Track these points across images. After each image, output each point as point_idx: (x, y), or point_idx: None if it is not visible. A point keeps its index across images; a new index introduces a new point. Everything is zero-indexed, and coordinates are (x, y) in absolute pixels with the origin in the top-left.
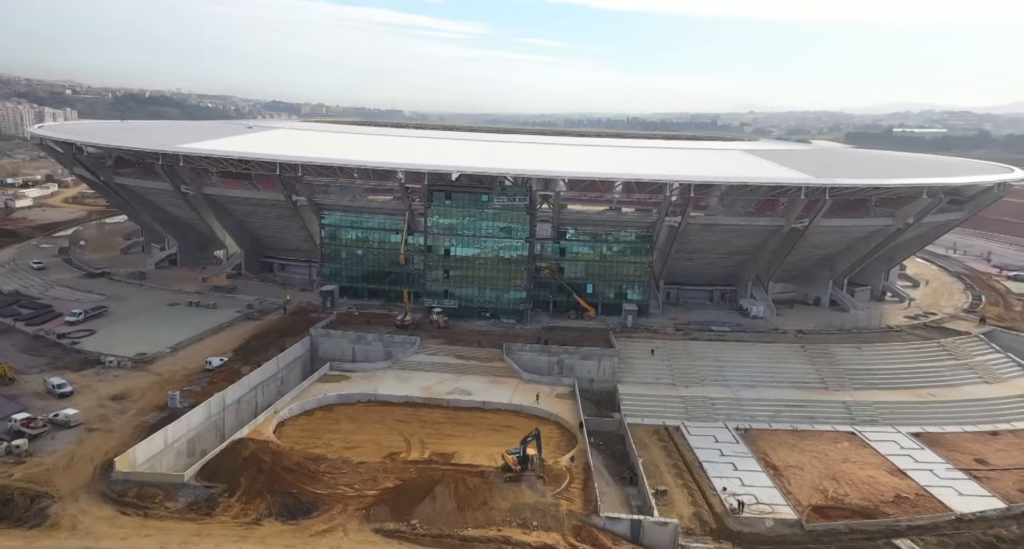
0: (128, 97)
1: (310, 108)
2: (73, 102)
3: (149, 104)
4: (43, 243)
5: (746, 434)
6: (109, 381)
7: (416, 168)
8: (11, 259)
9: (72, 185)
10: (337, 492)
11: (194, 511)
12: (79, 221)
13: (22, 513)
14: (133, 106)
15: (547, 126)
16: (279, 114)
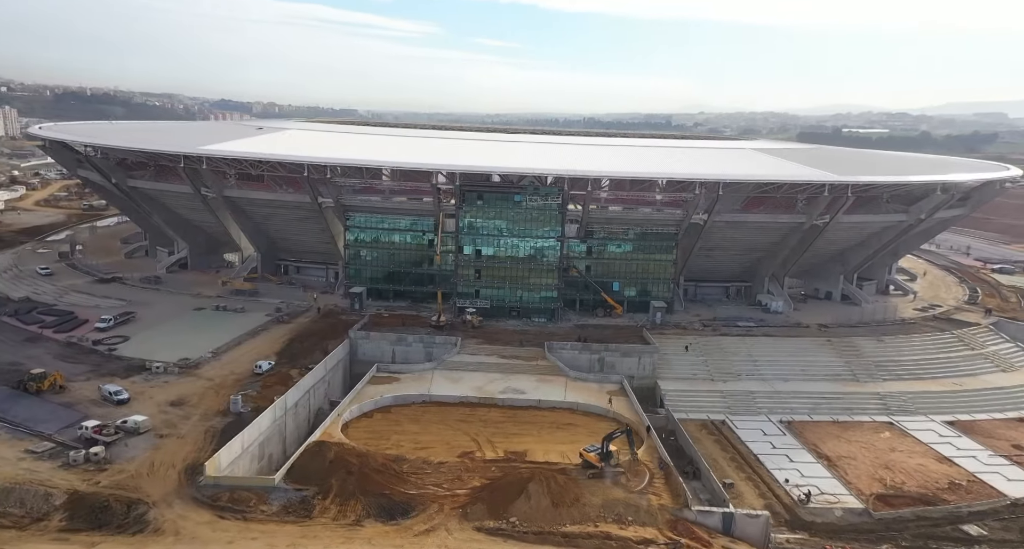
0: (68, 95)
1: (262, 107)
2: (11, 100)
3: (92, 102)
4: (40, 248)
5: (790, 426)
6: (161, 387)
7: (452, 168)
8: (12, 265)
9: (40, 187)
10: (427, 492)
11: (291, 514)
12: (60, 225)
13: (121, 519)
14: (75, 104)
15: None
16: (230, 113)
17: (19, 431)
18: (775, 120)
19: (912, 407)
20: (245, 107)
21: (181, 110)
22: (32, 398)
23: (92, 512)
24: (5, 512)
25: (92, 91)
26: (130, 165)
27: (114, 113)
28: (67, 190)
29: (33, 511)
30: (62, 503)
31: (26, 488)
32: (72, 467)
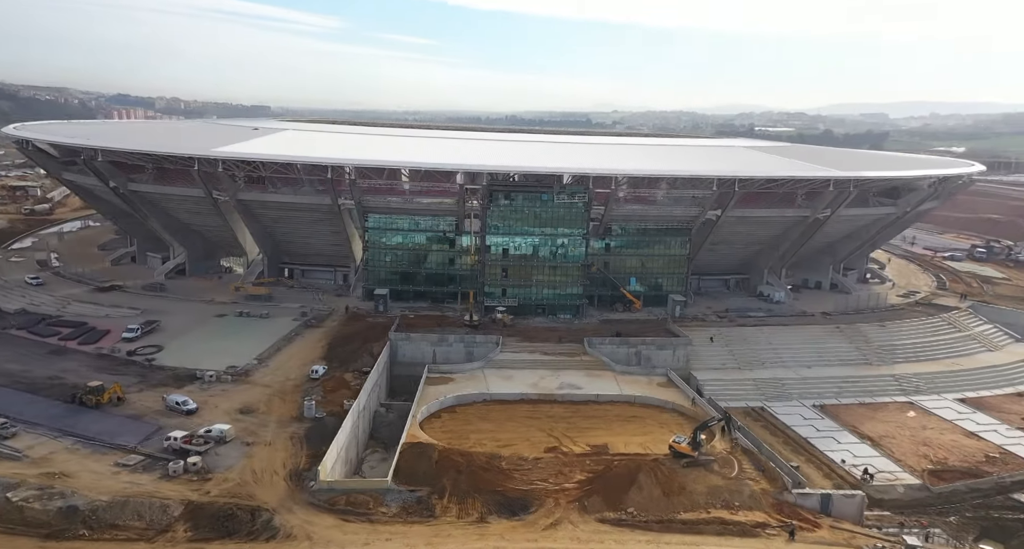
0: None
1: (165, 102)
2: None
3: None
4: (12, 257)
5: (823, 410)
6: (220, 395)
7: (480, 168)
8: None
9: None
10: (536, 487)
11: (413, 514)
12: (8, 232)
13: (249, 527)
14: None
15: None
16: (131, 109)
17: (95, 445)
18: (687, 119)
19: (925, 387)
20: (147, 102)
21: (76, 105)
22: (94, 412)
23: (217, 521)
24: (126, 525)
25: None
26: (130, 168)
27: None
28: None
29: (154, 523)
30: (181, 514)
31: (140, 500)
32: (173, 478)
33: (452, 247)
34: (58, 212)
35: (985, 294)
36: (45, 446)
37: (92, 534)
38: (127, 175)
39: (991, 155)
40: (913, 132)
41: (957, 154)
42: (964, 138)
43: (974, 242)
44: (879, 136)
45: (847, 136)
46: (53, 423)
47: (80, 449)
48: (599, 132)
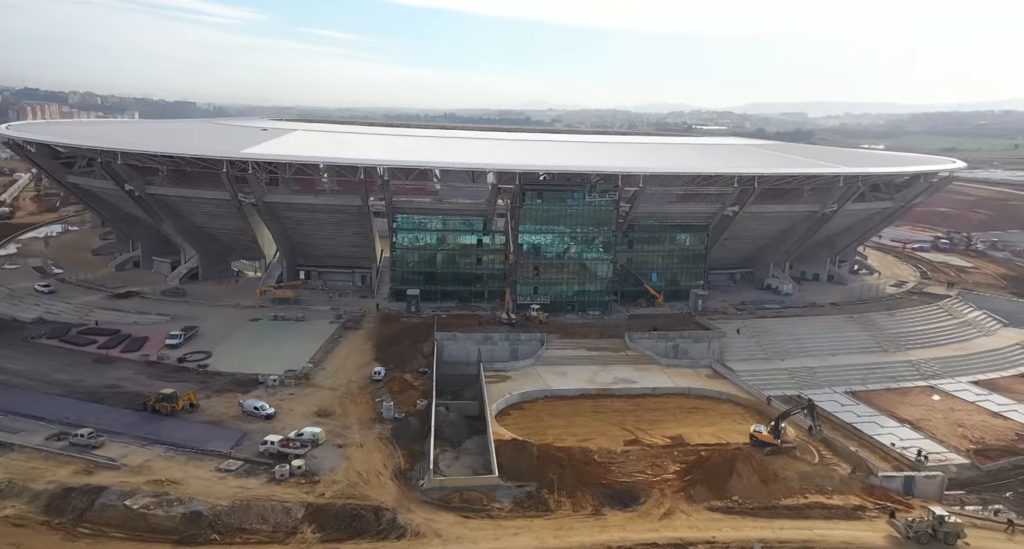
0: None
1: (79, 97)
2: None
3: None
4: (5, 264)
5: (856, 396)
6: (290, 399)
7: (513, 168)
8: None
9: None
10: (637, 479)
11: (528, 509)
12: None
13: (376, 526)
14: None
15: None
16: (44, 105)
17: (188, 452)
18: (622, 117)
19: (941, 371)
20: (58, 97)
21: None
22: (170, 419)
23: (343, 521)
24: (253, 528)
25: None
26: (145, 171)
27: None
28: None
29: (280, 525)
30: (303, 516)
31: (262, 504)
32: (281, 481)
33: (480, 246)
34: (17, 216)
35: (965, 282)
36: (138, 454)
37: (223, 538)
38: (144, 178)
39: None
40: (834, 130)
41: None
42: (879, 136)
43: (937, 234)
44: (806, 134)
45: (778, 134)
46: (134, 431)
47: (175, 456)
48: (605, 132)
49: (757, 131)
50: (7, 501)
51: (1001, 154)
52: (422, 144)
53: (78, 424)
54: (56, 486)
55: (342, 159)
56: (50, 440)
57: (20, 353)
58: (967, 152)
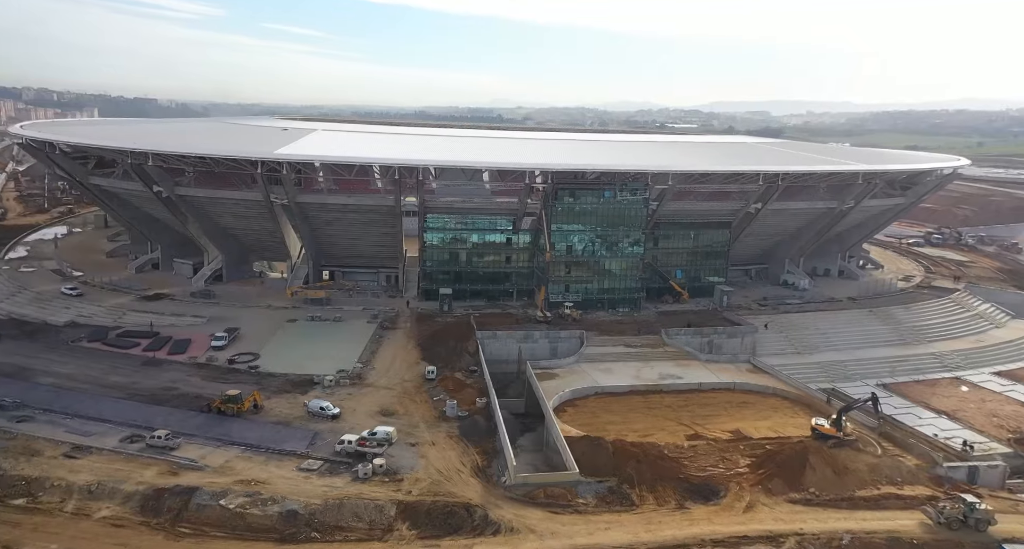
0: None
1: (34, 93)
2: None
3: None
4: (22, 266)
5: (888, 388)
6: (349, 399)
7: (548, 168)
8: (18, 288)
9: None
10: (711, 473)
11: (612, 504)
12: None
13: (470, 523)
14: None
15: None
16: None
17: (262, 452)
18: (591, 115)
19: (964, 363)
20: (12, 94)
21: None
22: (237, 420)
23: (436, 518)
24: (349, 526)
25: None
26: (173, 172)
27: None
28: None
29: (375, 523)
30: (396, 513)
31: (355, 502)
32: (366, 480)
33: (509, 245)
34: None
35: (967, 276)
36: (216, 455)
37: (323, 536)
38: (173, 179)
39: (881, 148)
40: (799, 129)
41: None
42: (843, 134)
43: (927, 229)
44: (775, 131)
45: (748, 131)
46: (205, 432)
47: (252, 457)
48: (607, 130)
49: (728, 129)
50: (100, 503)
51: (964, 152)
52: (450, 144)
53: (148, 426)
54: (146, 487)
55: (390, 160)
56: (124, 442)
57: (66, 356)
58: (929, 150)
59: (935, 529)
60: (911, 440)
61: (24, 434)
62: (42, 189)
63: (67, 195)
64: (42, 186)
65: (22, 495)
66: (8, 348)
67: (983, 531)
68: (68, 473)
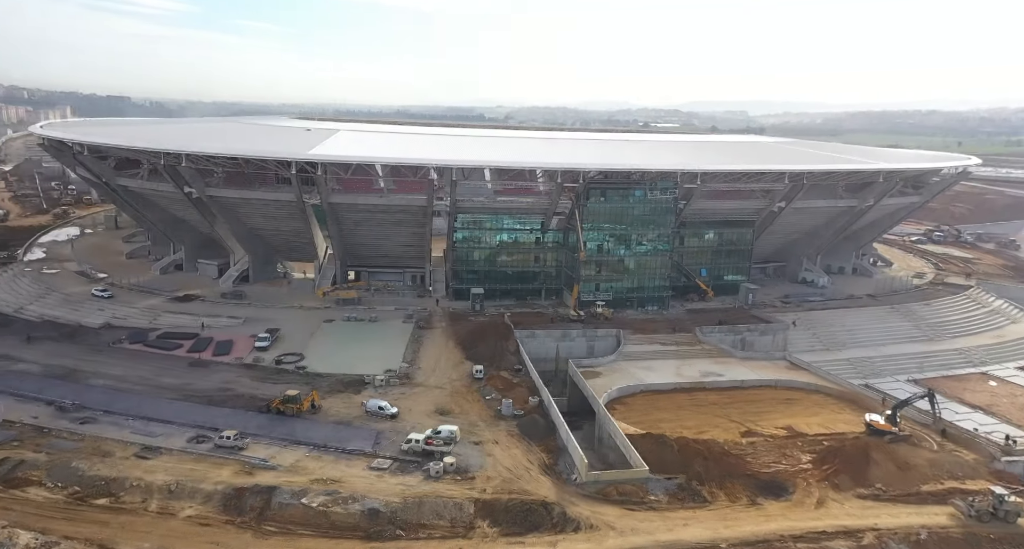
0: None
1: (3, 91)
2: None
3: None
4: (45, 268)
5: (919, 384)
6: (403, 399)
7: (585, 167)
8: (45, 289)
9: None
10: (774, 470)
11: (684, 501)
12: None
13: (549, 520)
14: None
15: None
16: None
17: (329, 451)
18: (572, 115)
19: (988, 358)
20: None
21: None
22: (298, 419)
23: (516, 516)
24: (431, 524)
25: None
26: (204, 173)
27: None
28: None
29: (456, 521)
30: (475, 511)
31: (434, 500)
32: (438, 478)
33: (539, 244)
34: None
35: (976, 273)
36: (285, 454)
37: (407, 534)
38: (204, 180)
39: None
40: (778, 128)
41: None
42: (823, 133)
43: (927, 227)
44: (757, 130)
45: (731, 130)
46: (269, 432)
47: (321, 456)
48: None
49: (711, 129)
50: (181, 502)
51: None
52: (480, 144)
53: (210, 427)
54: (225, 486)
55: (444, 161)
56: (191, 442)
57: (110, 358)
58: (910, 149)
59: (955, 522)
60: (967, 435)
61: (91, 435)
62: (34, 189)
63: (65, 195)
64: (33, 186)
65: (103, 495)
66: (51, 350)
67: (1012, 523)
68: (144, 473)
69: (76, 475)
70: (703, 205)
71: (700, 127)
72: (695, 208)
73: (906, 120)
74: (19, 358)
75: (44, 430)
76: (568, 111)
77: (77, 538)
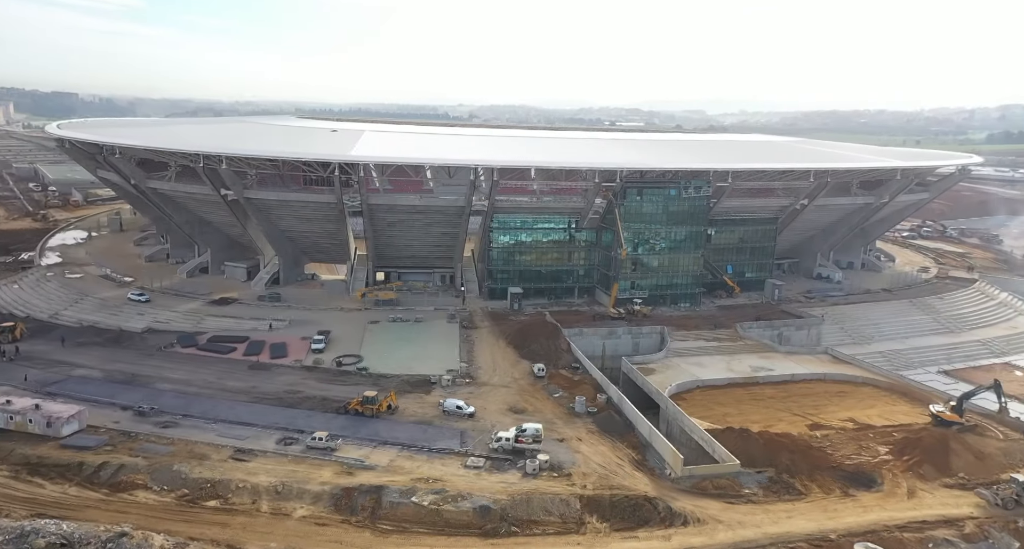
0: None
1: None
2: None
3: None
4: (68, 272)
5: (949, 374)
6: (473, 398)
7: (626, 166)
8: (79, 294)
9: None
10: (856, 461)
11: (779, 494)
12: None
13: (657, 515)
14: None
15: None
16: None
17: (418, 450)
18: (534, 113)
19: (1008, 349)
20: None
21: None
22: (378, 420)
23: (623, 511)
24: (542, 520)
25: None
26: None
27: None
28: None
29: (566, 517)
30: (581, 507)
31: (541, 497)
32: (535, 475)
33: (572, 243)
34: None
35: (975, 266)
36: (378, 454)
37: (522, 530)
38: (243, 182)
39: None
40: (736, 127)
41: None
42: (781, 132)
43: (914, 222)
44: (720, 130)
45: (695, 129)
46: (354, 433)
47: (413, 455)
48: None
49: (676, 127)
50: (291, 503)
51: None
52: (511, 144)
53: (294, 429)
54: (332, 487)
55: (493, 161)
56: (279, 444)
57: (166, 362)
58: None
59: (982, 511)
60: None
61: (180, 439)
62: (10, 191)
63: (49, 198)
64: (7, 188)
65: (211, 497)
66: (104, 355)
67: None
68: (247, 475)
69: (180, 478)
70: (730, 203)
71: (663, 126)
72: (722, 206)
73: (857, 119)
74: (73, 363)
75: (130, 434)
76: (531, 109)
77: (202, 539)
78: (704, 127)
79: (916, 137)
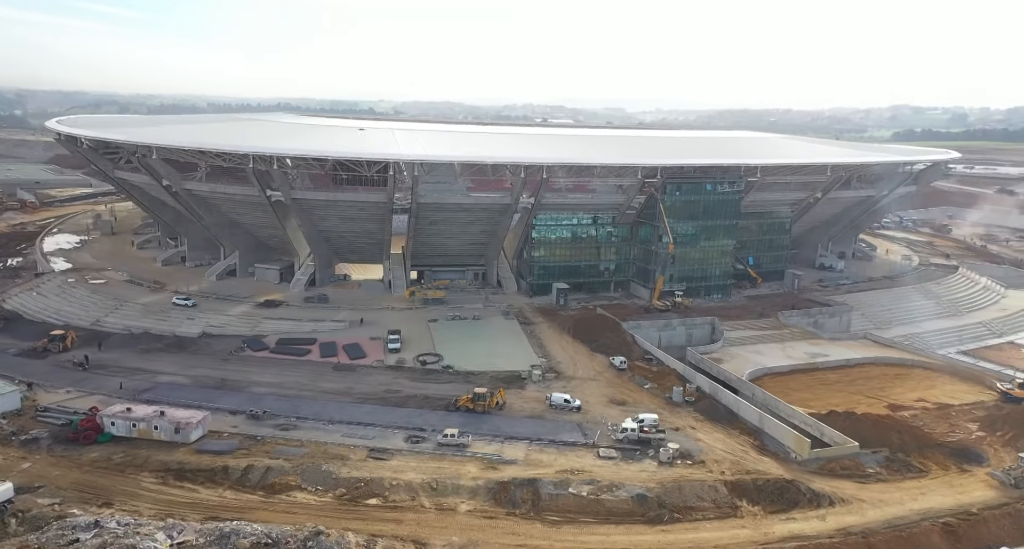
0: None
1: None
2: None
3: None
4: (92, 277)
5: (968, 354)
6: (569, 391)
7: (663, 164)
8: (117, 301)
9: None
10: (958, 438)
11: (902, 472)
12: None
13: (803, 497)
14: None
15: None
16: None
17: (548, 444)
18: (459, 109)
19: (1007, 329)
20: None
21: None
22: (492, 416)
23: (771, 495)
24: (697, 506)
25: None
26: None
27: None
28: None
29: (717, 502)
30: (728, 492)
31: (690, 484)
32: (670, 463)
33: (610, 239)
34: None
35: (945, 254)
36: (509, 449)
37: (683, 516)
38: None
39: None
40: (656, 124)
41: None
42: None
43: None
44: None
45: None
46: (474, 429)
47: (543, 448)
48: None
49: (606, 124)
50: (450, 498)
51: None
52: (552, 141)
53: (414, 427)
54: (485, 481)
55: (544, 159)
56: (408, 442)
57: (247, 366)
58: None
59: (997, 491)
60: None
61: (309, 441)
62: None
63: (6, 201)
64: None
65: (369, 495)
66: (177, 361)
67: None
68: (394, 473)
69: (332, 478)
70: (754, 197)
71: (590, 122)
72: (747, 200)
73: (767, 118)
74: (152, 370)
75: (256, 438)
76: (455, 106)
77: (384, 535)
78: (634, 124)
79: (822, 135)
